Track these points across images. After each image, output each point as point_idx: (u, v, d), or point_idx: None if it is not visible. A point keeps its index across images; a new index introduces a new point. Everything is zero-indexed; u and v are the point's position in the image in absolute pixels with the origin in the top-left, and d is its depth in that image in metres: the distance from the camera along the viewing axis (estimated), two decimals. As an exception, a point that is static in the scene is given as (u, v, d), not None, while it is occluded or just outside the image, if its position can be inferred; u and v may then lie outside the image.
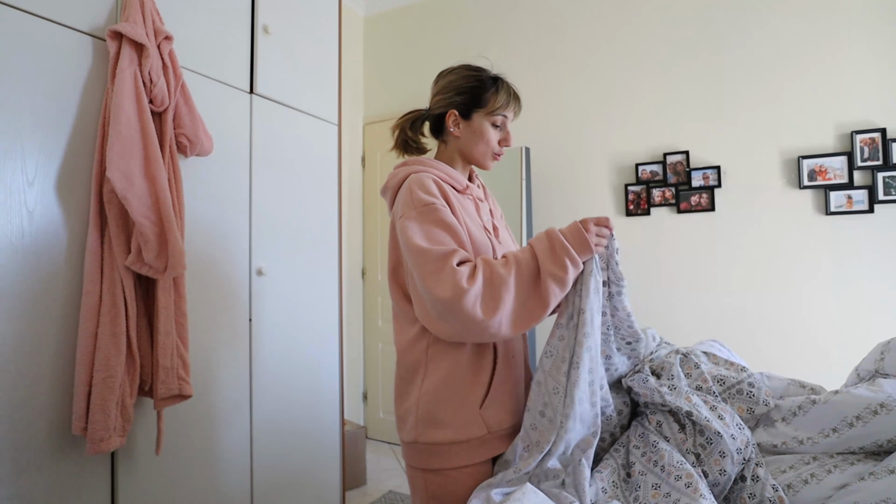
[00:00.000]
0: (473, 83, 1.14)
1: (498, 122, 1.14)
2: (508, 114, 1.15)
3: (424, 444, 1.02)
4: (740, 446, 1.01)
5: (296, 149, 1.93)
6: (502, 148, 1.17)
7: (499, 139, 1.16)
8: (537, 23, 3.00)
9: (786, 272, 2.41)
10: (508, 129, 1.17)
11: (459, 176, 1.14)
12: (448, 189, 1.08)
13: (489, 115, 1.13)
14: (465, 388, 1.02)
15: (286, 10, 1.89)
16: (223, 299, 1.63)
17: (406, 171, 1.11)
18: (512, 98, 1.15)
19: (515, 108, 1.16)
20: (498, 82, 1.15)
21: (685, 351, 1.29)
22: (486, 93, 1.13)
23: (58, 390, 1.23)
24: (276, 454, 1.80)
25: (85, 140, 1.29)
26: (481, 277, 0.93)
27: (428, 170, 1.10)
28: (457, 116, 1.14)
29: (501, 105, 1.13)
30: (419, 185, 1.04)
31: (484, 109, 1.13)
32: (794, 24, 2.42)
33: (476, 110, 1.13)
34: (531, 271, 0.95)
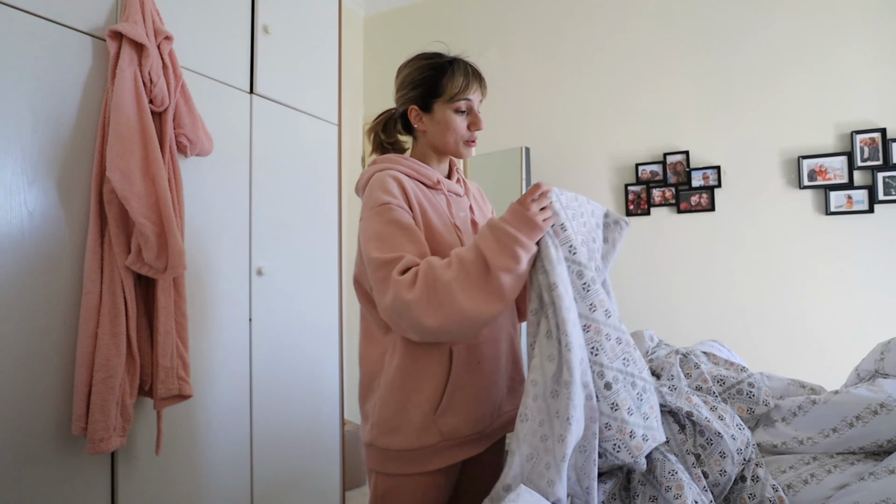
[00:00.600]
0: (427, 73, 1.08)
1: (461, 107, 1.07)
2: (471, 97, 1.07)
3: (379, 448, 1.02)
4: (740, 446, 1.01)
5: (296, 149, 1.93)
6: (474, 133, 1.10)
7: (468, 124, 1.09)
8: (537, 23, 3.00)
9: (786, 272, 2.41)
10: (477, 111, 1.10)
11: (430, 171, 1.10)
12: (413, 185, 1.05)
13: (450, 103, 1.07)
14: (419, 396, 1.00)
15: (286, 10, 1.89)
16: (223, 299, 1.63)
17: (372, 171, 1.10)
18: (471, 79, 1.07)
19: (477, 88, 1.08)
20: (453, 66, 1.07)
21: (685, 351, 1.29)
22: (442, 80, 1.06)
23: (58, 390, 1.22)
24: (276, 454, 1.80)
25: (85, 140, 1.29)
26: (422, 285, 0.88)
27: (393, 167, 1.08)
28: (418, 111, 1.10)
29: (460, 89, 1.06)
30: (378, 185, 1.02)
31: (442, 98, 1.07)
32: (794, 24, 2.42)
33: (435, 101, 1.08)
34: (479, 268, 0.88)
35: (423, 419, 1.00)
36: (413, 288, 0.89)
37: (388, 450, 1.01)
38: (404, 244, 0.96)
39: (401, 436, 1.00)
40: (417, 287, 0.89)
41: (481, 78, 1.10)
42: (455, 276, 0.88)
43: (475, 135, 1.10)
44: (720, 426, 1.02)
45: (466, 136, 1.10)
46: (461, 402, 1.02)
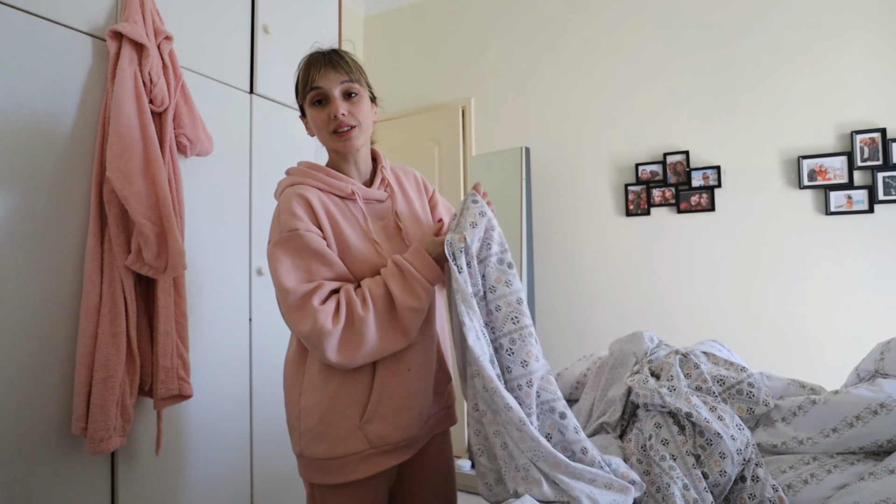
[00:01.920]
0: (297, 79, 1.07)
1: (315, 98, 1.03)
2: (320, 84, 1.01)
3: (308, 458, 1.00)
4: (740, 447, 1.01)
5: (296, 149, 1.93)
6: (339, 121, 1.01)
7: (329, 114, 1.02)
8: (537, 22, 3.00)
9: (786, 272, 2.41)
10: (335, 98, 1.01)
11: (343, 182, 1.04)
12: (325, 200, 1.01)
13: (307, 101, 1.04)
14: (342, 403, 0.98)
15: (286, 10, 1.89)
16: (223, 299, 1.63)
17: (284, 184, 1.06)
18: (314, 66, 1.02)
19: (324, 73, 1.01)
20: (304, 61, 1.05)
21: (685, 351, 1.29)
22: (298, 79, 1.06)
23: (58, 390, 1.23)
24: (276, 454, 1.80)
25: (85, 140, 1.29)
26: (343, 320, 0.91)
27: (304, 181, 1.03)
28: (302, 117, 1.11)
29: (307, 82, 1.02)
30: (284, 208, 0.98)
31: (304, 101, 1.05)
32: (794, 24, 2.42)
33: (302, 105, 1.07)
34: (387, 306, 0.94)
35: (349, 426, 0.98)
36: (336, 320, 0.91)
37: (316, 458, 0.99)
38: (319, 269, 0.95)
39: (328, 444, 0.98)
40: (339, 320, 0.91)
41: (333, 62, 1.02)
42: (370, 313, 0.92)
43: (342, 121, 1.01)
44: (720, 427, 1.02)
45: (331, 126, 1.02)
46: (388, 409, 0.99)
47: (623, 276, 2.73)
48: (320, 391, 0.99)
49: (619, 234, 2.75)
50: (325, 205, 1.01)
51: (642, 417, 1.15)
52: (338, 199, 1.04)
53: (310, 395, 1.00)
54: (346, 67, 1.03)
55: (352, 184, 1.05)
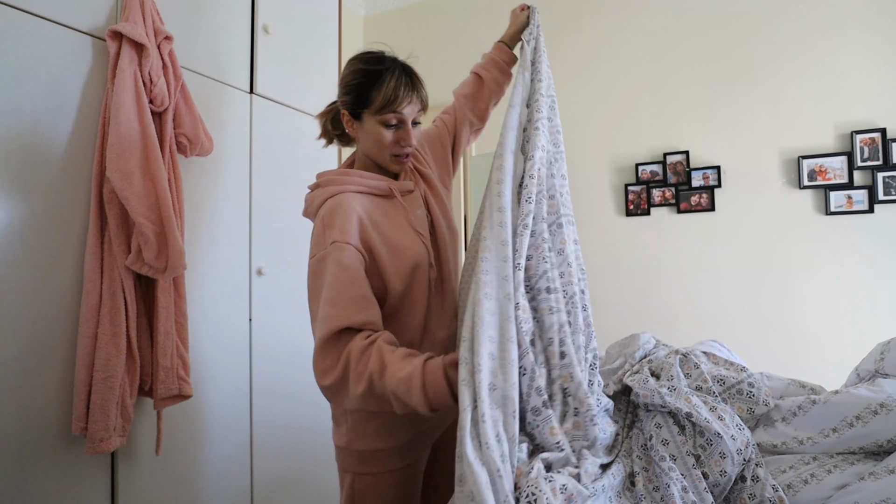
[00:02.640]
0: (358, 79, 0.99)
1: (390, 121, 0.99)
2: (402, 110, 0.98)
3: (356, 450, 1.04)
4: (740, 447, 1.01)
5: (296, 149, 1.93)
6: (404, 148, 1.02)
7: (397, 139, 1.01)
8: (537, 23, 2.99)
9: (786, 272, 2.41)
10: (409, 128, 1.00)
11: (378, 180, 1.03)
12: (367, 204, 1.00)
13: (377, 115, 0.98)
14: None
15: (286, 10, 1.89)
16: (223, 299, 1.63)
17: (322, 197, 1.02)
18: (404, 91, 0.97)
19: (410, 101, 0.98)
20: (384, 75, 0.97)
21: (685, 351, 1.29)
22: (372, 89, 0.97)
23: (58, 390, 1.22)
24: (277, 454, 1.80)
25: (85, 140, 1.29)
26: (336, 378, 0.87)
27: (344, 189, 1.01)
28: (349, 117, 1.03)
29: (388, 102, 0.96)
30: (328, 220, 0.95)
31: (370, 109, 0.99)
32: (794, 24, 2.42)
33: (364, 110, 1.00)
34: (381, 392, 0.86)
35: (393, 419, 0.99)
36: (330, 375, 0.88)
37: (363, 451, 1.03)
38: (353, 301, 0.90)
39: (375, 438, 1.02)
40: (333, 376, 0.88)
41: (417, 88, 1.00)
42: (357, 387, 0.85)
43: (405, 150, 1.02)
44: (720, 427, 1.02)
45: (394, 150, 1.02)
46: None
47: (623, 276, 2.73)
48: None
49: (619, 234, 2.75)
50: (368, 210, 0.99)
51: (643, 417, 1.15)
52: (376, 198, 1.03)
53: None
54: (424, 99, 1.02)
55: (386, 181, 1.05)
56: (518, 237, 0.90)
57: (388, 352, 0.85)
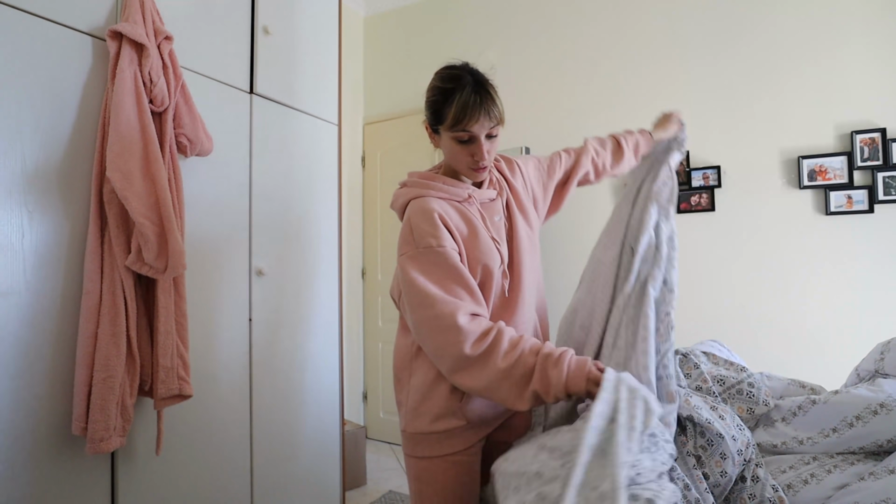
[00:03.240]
0: (435, 96, 1.04)
1: (462, 137, 1.02)
2: (472, 129, 1.00)
3: (411, 433, 1.08)
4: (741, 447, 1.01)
5: (296, 149, 1.93)
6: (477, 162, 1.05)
7: (470, 154, 1.04)
8: (537, 23, 3.00)
9: (786, 272, 2.41)
10: (482, 143, 1.03)
11: (459, 188, 1.08)
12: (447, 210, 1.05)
13: (450, 131, 1.03)
14: (447, 385, 1.04)
15: (286, 11, 1.89)
16: (223, 299, 1.63)
17: (406, 196, 1.09)
18: (471, 110, 0.99)
19: (478, 120, 1.00)
20: (455, 94, 1.01)
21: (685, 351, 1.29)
22: (445, 106, 1.02)
23: (58, 390, 1.22)
24: (276, 454, 1.80)
25: (85, 140, 1.29)
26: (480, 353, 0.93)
27: (427, 193, 1.07)
28: (430, 131, 1.10)
29: (458, 121, 1.00)
30: (419, 221, 1.02)
31: (444, 125, 1.03)
32: (794, 24, 2.42)
33: (439, 126, 1.05)
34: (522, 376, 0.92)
35: (452, 406, 1.04)
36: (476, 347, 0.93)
37: (419, 433, 1.07)
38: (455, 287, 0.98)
39: (431, 421, 1.05)
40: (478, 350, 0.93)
41: (487, 107, 1.01)
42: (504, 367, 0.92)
43: (479, 164, 1.05)
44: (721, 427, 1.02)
45: (470, 163, 1.06)
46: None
47: (623, 276, 2.73)
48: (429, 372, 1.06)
49: (619, 234, 2.75)
50: (449, 214, 1.05)
51: None
52: (456, 204, 1.08)
53: (419, 375, 1.08)
54: (497, 115, 1.03)
55: (467, 188, 1.09)
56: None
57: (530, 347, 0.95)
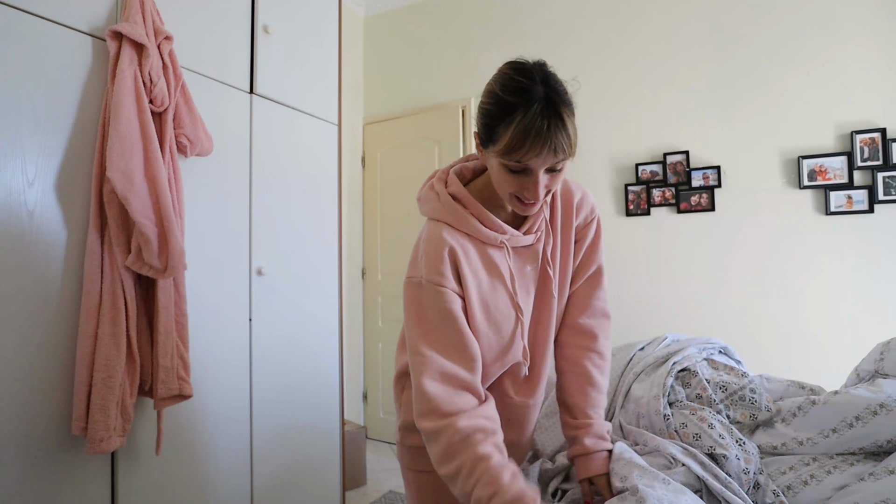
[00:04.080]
0: (490, 107, 0.81)
1: (512, 166, 0.80)
2: (530, 163, 0.78)
3: (406, 445, 1.03)
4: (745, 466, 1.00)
5: (296, 149, 1.93)
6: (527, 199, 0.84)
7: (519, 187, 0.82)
8: (537, 23, 3.00)
9: (786, 272, 2.41)
10: (539, 178, 0.80)
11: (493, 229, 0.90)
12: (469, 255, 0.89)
13: (499, 157, 0.80)
14: None
15: (286, 10, 1.89)
16: (223, 299, 1.63)
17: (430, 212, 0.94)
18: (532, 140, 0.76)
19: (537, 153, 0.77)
20: (517, 113, 0.76)
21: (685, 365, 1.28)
22: (500, 125, 0.78)
23: (58, 390, 1.22)
24: (276, 454, 1.80)
25: (85, 140, 1.29)
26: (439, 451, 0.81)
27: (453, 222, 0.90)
28: (478, 143, 0.87)
29: (513, 149, 0.77)
30: (429, 254, 0.88)
31: (494, 147, 0.81)
32: (794, 24, 2.42)
33: (489, 145, 0.82)
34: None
35: None
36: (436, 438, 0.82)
37: (414, 447, 1.01)
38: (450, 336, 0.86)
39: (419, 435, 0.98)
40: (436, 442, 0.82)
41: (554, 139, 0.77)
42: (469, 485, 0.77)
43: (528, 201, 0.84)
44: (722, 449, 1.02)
45: (517, 194, 0.84)
46: None
47: (623, 276, 2.73)
48: None
49: (619, 234, 2.75)
50: (469, 257, 0.89)
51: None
52: (483, 247, 0.91)
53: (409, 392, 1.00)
54: (566, 147, 0.79)
55: (501, 234, 0.90)
56: None
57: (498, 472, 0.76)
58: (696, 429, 1.07)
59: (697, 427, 1.07)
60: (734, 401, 1.17)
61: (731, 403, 1.17)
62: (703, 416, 1.10)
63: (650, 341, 1.49)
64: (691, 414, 1.11)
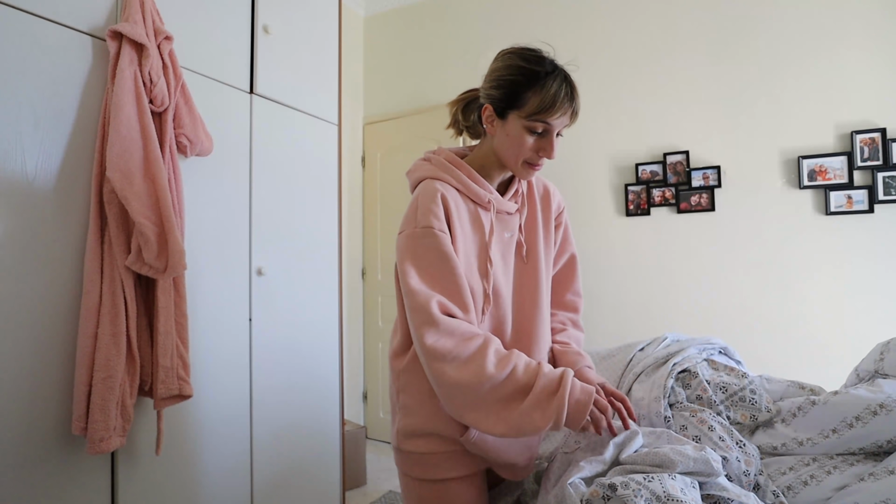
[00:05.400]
0: (515, 76, 0.94)
1: (537, 128, 0.94)
2: (553, 121, 0.93)
3: (406, 451, 1.00)
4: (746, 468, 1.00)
5: (296, 149, 1.93)
6: (541, 158, 0.97)
7: (537, 147, 0.96)
8: (537, 23, 2.99)
9: (786, 272, 2.41)
10: (553, 139, 0.96)
11: (482, 189, 1.00)
12: (459, 204, 0.97)
13: (526, 119, 0.94)
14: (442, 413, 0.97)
15: (286, 10, 1.89)
16: (223, 299, 1.63)
17: (422, 174, 1.02)
18: (561, 100, 0.92)
19: (564, 113, 0.93)
20: (546, 80, 0.92)
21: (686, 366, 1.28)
22: (528, 91, 0.93)
23: (58, 390, 1.23)
24: (276, 454, 1.80)
25: (85, 140, 1.29)
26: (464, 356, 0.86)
27: (446, 177, 0.99)
28: (491, 112, 0.98)
29: (544, 109, 0.92)
30: (423, 203, 0.94)
31: (520, 111, 0.94)
32: (794, 24, 2.41)
33: (511, 111, 0.95)
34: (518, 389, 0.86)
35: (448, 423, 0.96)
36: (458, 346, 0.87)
37: (414, 452, 0.99)
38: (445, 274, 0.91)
39: (425, 440, 0.98)
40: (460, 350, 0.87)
41: (573, 101, 0.95)
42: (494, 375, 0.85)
43: (542, 161, 0.98)
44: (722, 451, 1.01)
45: (531, 158, 0.97)
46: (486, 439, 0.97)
47: (623, 276, 2.73)
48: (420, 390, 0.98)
49: (619, 234, 2.75)
50: (459, 209, 0.97)
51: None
52: (471, 204, 1.00)
53: (408, 394, 0.99)
54: (577, 111, 0.97)
55: (489, 193, 1.01)
56: None
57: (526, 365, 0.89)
58: (696, 431, 1.07)
59: (697, 429, 1.07)
60: (734, 401, 1.17)
61: (732, 404, 1.17)
62: (704, 417, 1.10)
63: (650, 341, 1.49)
64: (691, 416, 1.11)
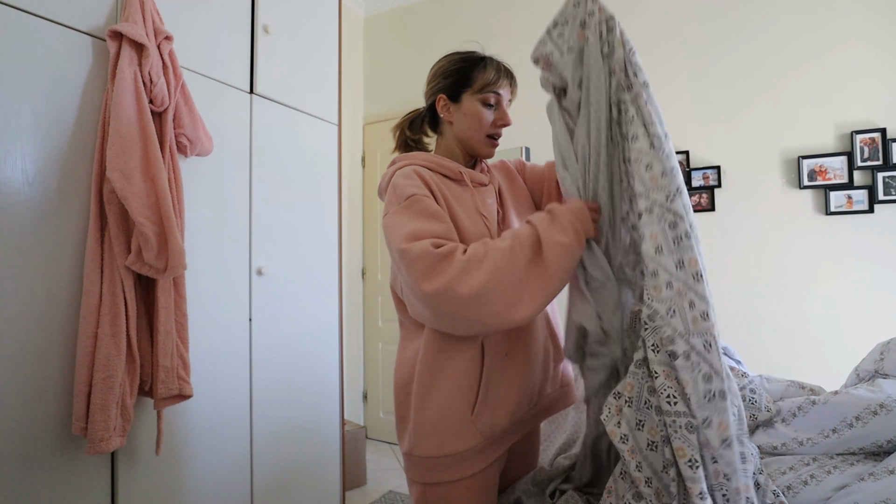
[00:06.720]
0: (460, 64, 1.09)
1: (490, 100, 1.07)
2: (501, 91, 1.08)
3: (419, 457, 0.98)
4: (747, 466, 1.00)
5: (296, 149, 1.93)
6: (500, 129, 1.10)
7: (494, 119, 1.08)
8: (537, 23, 2.99)
9: (786, 272, 2.41)
10: (505, 108, 1.09)
11: (452, 163, 1.08)
12: (436, 178, 1.03)
13: (479, 93, 1.07)
14: (454, 399, 0.96)
15: (286, 10, 1.89)
16: (223, 299, 1.63)
17: (393, 170, 1.08)
18: (503, 74, 1.08)
19: (508, 84, 1.09)
20: (485, 61, 1.09)
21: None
22: (474, 71, 1.07)
23: (58, 390, 1.23)
24: (276, 454, 1.80)
25: (85, 140, 1.29)
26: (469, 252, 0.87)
27: (413, 161, 1.06)
28: (446, 100, 1.09)
29: (491, 81, 1.06)
30: (401, 180, 1.00)
31: (472, 88, 1.07)
32: (794, 24, 2.41)
33: (464, 90, 1.07)
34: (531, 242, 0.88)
35: (463, 422, 0.96)
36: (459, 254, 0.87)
37: (428, 457, 0.97)
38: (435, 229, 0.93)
39: (441, 442, 0.96)
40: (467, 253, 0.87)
41: (512, 77, 1.11)
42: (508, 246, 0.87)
43: (500, 131, 1.10)
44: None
45: (491, 130, 1.08)
46: (496, 397, 0.99)
47: (623, 276, 2.73)
48: (430, 384, 0.97)
49: (619, 234, 2.75)
50: (436, 181, 1.03)
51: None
52: (447, 180, 1.06)
53: (421, 388, 0.98)
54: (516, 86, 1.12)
55: (459, 166, 1.09)
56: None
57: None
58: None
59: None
60: (734, 401, 1.17)
61: (732, 404, 1.17)
62: None
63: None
64: None
